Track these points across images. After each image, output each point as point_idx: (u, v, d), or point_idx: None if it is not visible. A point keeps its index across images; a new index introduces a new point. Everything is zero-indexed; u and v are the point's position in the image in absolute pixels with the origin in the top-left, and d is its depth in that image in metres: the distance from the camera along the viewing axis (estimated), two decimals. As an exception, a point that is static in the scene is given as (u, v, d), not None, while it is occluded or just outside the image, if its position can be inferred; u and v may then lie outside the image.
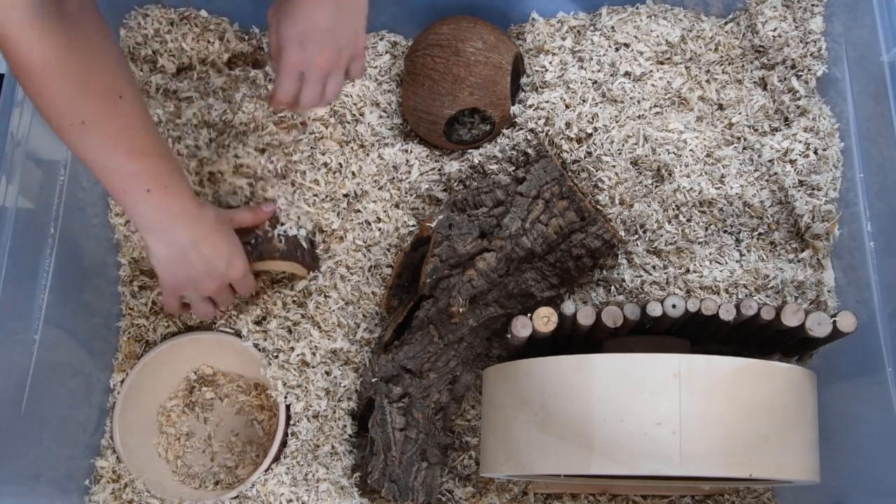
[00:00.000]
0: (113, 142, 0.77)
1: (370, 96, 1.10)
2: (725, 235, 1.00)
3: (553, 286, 0.97)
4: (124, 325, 1.07)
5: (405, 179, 1.07)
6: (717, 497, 1.01)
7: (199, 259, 0.88)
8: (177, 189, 0.83)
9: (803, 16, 1.05)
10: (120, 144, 0.77)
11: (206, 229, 0.88)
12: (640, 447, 0.78)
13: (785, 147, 1.00)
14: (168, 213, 0.83)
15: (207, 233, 0.88)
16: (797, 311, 0.86)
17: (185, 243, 0.86)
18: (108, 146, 0.77)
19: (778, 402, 0.81)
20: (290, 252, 1.00)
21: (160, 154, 0.81)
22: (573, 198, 0.94)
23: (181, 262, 0.88)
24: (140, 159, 0.79)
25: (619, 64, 1.05)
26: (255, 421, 1.08)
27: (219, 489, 1.05)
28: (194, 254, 0.88)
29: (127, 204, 0.82)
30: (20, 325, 0.92)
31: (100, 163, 0.78)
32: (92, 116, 0.74)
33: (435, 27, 1.07)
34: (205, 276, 0.91)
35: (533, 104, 1.04)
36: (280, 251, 0.99)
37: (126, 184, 0.80)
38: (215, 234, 0.89)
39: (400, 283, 1.03)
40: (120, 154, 0.78)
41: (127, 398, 1.04)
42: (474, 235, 0.97)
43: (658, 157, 1.00)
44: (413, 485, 0.96)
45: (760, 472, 0.79)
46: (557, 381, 0.83)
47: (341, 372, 1.03)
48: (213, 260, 0.89)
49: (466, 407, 1.05)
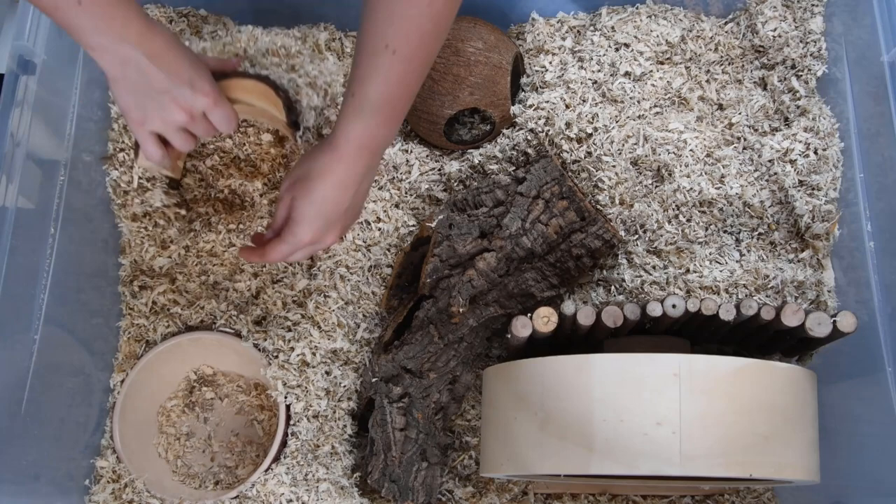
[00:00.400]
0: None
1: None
2: (725, 235, 1.00)
3: (553, 286, 0.97)
4: (124, 325, 1.07)
5: (405, 179, 1.07)
6: (717, 497, 1.01)
7: (157, 77, 0.79)
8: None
9: (803, 16, 1.05)
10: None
11: (160, 44, 0.78)
12: (640, 447, 0.78)
13: (785, 147, 1.00)
14: (110, 25, 0.74)
15: (161, 48, 0.78)
16: (797, 311, 0.86)
17: (137, 58, 0.77)
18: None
19: (778, 402, 0.81)
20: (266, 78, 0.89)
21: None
22: (573, 198, 0.94)
23: (139, 82, 0.79)
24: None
25: (619, 64, 1.05)
26: (255, 421, 1.08)
27: (219, 489, 1.05)
28: (150, 70, 0.78)
29: (64, 24, 0.74)
30: (20, 325, 0.92)
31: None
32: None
33: (435, 27, 1.07)
34: (170, 101, 0.81)
35: (533, 104, 1.04)
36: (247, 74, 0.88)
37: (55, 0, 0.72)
38: (171, 50, 0.79)
39: (400, 283, 1.03)
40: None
41: (127, 398, 1.04)
42: (474, 235, 0.97)
43: (658, 157, 1.00)
44: (413, 485, 0.96)
45: (760, 472, 0.79)
46: (557, 381, 0.83)
47: (341, 372, 1.03)
48: (173, 78, 0.79)
49: (466, 407, 1.05)
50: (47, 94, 0.97)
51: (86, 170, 1.02)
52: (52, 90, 0.98)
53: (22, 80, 0.94)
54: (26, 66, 0.95)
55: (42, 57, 0.96)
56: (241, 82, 0.88)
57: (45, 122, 0.97)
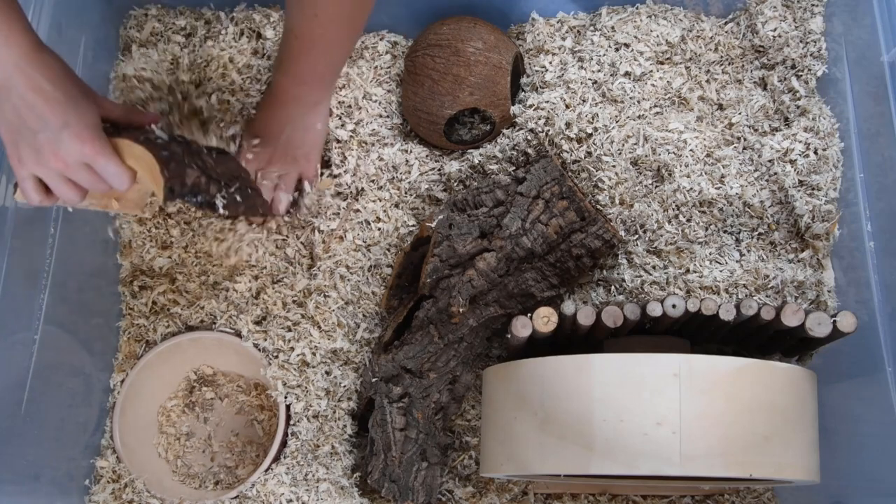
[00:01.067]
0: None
1: (371, 96, 1.10)
2: (725, 235, 1.00)
3: (553, 286, 0.97)
4: (124, 325, 1.07)
5: (405, 179, 1.07)
6: (717, 497, 1.01)
7: (30, 114, 0.71)
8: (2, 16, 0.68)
9: (803, 16, 1.05)
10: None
11: (42, 75, 0.70)
12: (640, 447, 0.78)
13: (785, 147, 1.00)
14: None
15: (43, 80, 0.70)
16: (797, 311, 0.86)
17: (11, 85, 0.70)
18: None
19: (778, 402, 0.81)
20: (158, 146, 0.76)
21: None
22: (573, 198, 0.94)
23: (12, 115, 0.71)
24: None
25: (619, 64, 1.05)
26: (255, 421, 1.09)
27: (219, 489, 1.05)
28: (22, 104, 0.71)
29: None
30: (20, 324, 0.92)
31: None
32: None
33: (435, 27, 1.07)
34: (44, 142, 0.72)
35: (533, 104, 1.04)
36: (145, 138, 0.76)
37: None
38: (55, 85, 0.71)
39: (400, 283, 1.03)
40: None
41: (127, 398, 1.04)
42: (474, 235, 0.97)
43: (658, 157, 1.00)
44: (413, 485, 0.96)
45: (760, 472, 0.79)
46: (557, 381, 0.83)
47: (341, 372, 1.03)
48: (47, 116, 0.71)
49: (466, 407, 1.05)
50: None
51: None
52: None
53: (22, 80, 0.94)
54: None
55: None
56: (130, 147, 0.76)
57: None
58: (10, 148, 0.74)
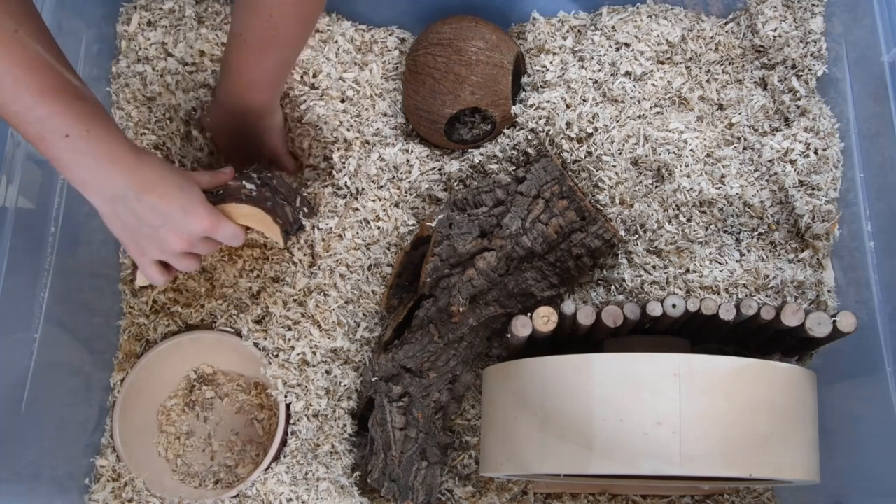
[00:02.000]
0: (19, 82, 0.67)
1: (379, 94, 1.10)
2: (725, 235, 1.00)
3: (553, 286, 0.97)
4: (124, 324, 1.07)
5: (405, 179, 1.07)
6: (717, 497, 1.01)
7: (148, 214, 0.77)
8: (102, 132, 0.72)
9: (803, 16, 1.05)
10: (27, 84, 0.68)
11: (148, 176, 0.76)
12: (640, 447, 0.78)
13: (785, 147, 1.00)
14: (97, 162, 0.72)
15: (151, 180, 0.76)
16: (797, 311, 0.86)
17: (125, 195, 0.75)
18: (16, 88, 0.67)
19: (778, 402, 0.81)
20: (258, 200, 0.87)
21: (75, 94, 0.71)
22: (573, 197, 0.94)
23: (131, 219, 0.77)
24: (51, 99, 0.69)
25: (619, 64, 1.05)
26: (255, 420, 1.09)
27: (219, 488, 1.05)
28: (140, 206, 0.76)
29: (50, 155, 0.71)
30: (20, 324, 0.92)
31: (9, 109, 0.68)
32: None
33: (436, 26, 1.07)
34: (165, 233, 0.79)
35: (534, 104, 1.04)
36: (247, 195, 0.86)
37: (41, 129, 0.69)
38: (162, 180, 0.77)
39: (400, 282, 1.03)
40: (28, 95, 0.68)
41: (127, 397, 1.04)
42: (474, 235, 0.97)
43: (658, 157, 1.00)
44: (413, 484, 0.96)
45: (760, 472, 0.79)
46: (557, 381, 0.83)
47: (341, 371, 1.03)
48: (165, 210, 0.77)
49: (466, 406, 1.05)
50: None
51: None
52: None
53: (22, 79, 0.94)
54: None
55: (42, 56, 0.96)
56: (238, 208, 0.86)
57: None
58: (132, 245, 0.81)
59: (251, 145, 0.99)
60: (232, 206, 0.85)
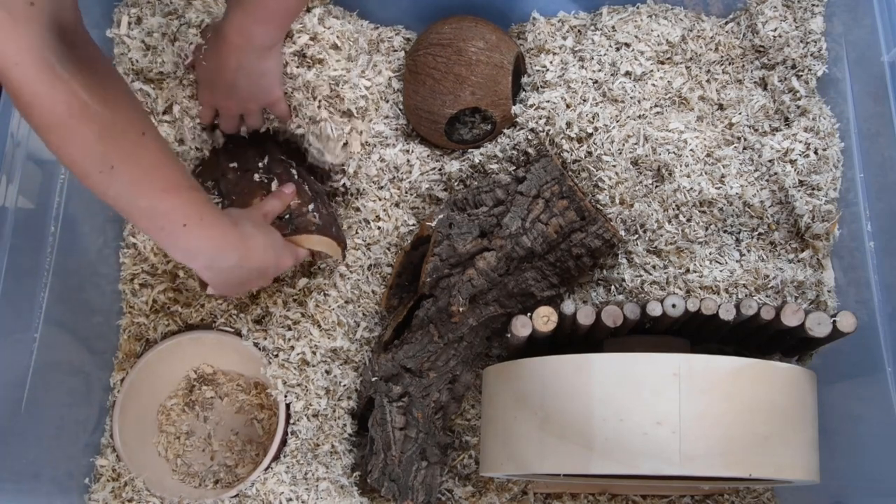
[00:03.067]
0: (144, 182, 0.75)
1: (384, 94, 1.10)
2: (725, 235, 1.00)
3: (553, 286, 0.97)
4: (124, 324, 1.07)
5: (406, 179, 1.07)
6: (717, 497, 1.01)
7: (250, 273, 0.89)
8: (212, 218, 0.81)
9: (803, 16, 1.05)
10: (151, 183, 0.75)
11: (249, 245, 0.87)
12: (640, 447, 0.78)
13: (785, 147, 1.00)
14: (210, 244, 0.82)
15: (251, 248, 0.87)
16: (797, 311, 0.86)
17: (233, 265, 0.86)
18: (140, 187, 0.75)
19: (778, 402, 0.81)
20: (324, 227, 0.98)
21: (190, 186, 0.79)
22: (573, 197, 0.94)
23: (235, 281, 0.89)
24: (173, 195, 0.77)
25: (619, 63, 1.05)
26: (254, 420, 1.09)
27: (218, 488, 1.05)
28: (244, 272, 0.88)
29: (165, 241, 0.80)
30: (20, 323, 0.92)
31: (134, 205, 0.75)
32: (120, 159, 0.72)
33: (436, 26, 1.07)
34: (258, 279, 0.92)
35: (534, 104, 1.04)
36: (315, 225, 0.97)
37: (163, 222, 0.78)
38: (259, 246, 0.88)
39: (400, 282, 1.03)
40: (152, 193, 0.75)
41: (127, 397, 1.04)
42: (474, 235, 0.97)
43: (658, 157, 1.00)
44: (413, 484, 0.96)
45: (760, 472, 0.79)
46: (557, 381, 0.83)
47: (341, 371, 1.03)
48: (262, 267, 0.90)
49: (466, 406, 1.05)
50: (47, 93, 0.97)
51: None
52: (53, 89, 0.98)
53: (22, 79, 0.94)
54: (26, 65, 0.95)
55: (42, 56, 0.96)
56: (309, 239, 0.98)
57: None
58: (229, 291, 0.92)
59: (247, 90, 0.97)
60: (302, 237, 0.97)
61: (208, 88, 0.98)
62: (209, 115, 1.00)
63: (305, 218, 0.97)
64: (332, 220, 1.01)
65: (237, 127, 1.01)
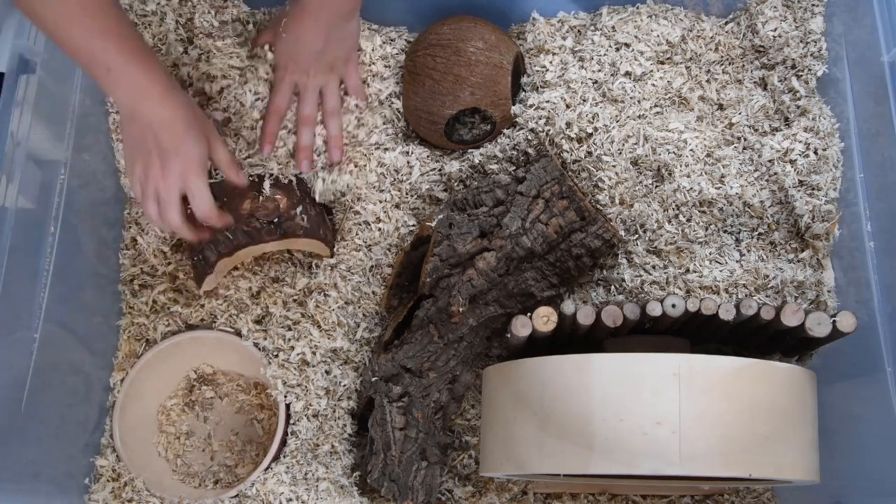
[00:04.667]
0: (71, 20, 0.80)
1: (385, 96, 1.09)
2: (725, 235, 1.00)
3: (553, 286, 0.97)
4: (124, 324, 1.07)
5: (406, 180, 1.07)
6: (717, 497, 1.01)
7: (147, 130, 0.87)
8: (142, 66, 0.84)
9: (803, 16, 1.05)
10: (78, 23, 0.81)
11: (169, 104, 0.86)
12: (640, 447, 0.78)
13: (785, 147, 1.00)
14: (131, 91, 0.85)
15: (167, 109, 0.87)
16: (797, 311, 0.86)
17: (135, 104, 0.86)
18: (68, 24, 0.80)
19: (778, 402, 0.81)
20: (312, 230, 1.00)
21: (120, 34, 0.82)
22: (573, 197, 0.94)
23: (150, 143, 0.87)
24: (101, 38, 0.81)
25: (619, 64, 1.05)
26: (254, 420, 1.09)
27: (218, 488, 1.05)
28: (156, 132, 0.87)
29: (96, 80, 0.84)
30: (20, 323, 0.92)
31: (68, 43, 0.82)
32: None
33: (436, 27, 1.07)
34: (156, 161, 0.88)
35: (533, 104, 1.04)
36: (303, 229, 0.99)
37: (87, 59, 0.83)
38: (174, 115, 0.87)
39: (400, 282, 1.03)
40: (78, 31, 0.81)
41: (127, 397, 1.04)
42: (474, 235, 0.97)
43: (658, 157, 1.00)
44: (413, 484, 0.96)
45: (760, 472, 0.79)
46: (557, 381, 0.83)
47: (341, 371, 1.03)
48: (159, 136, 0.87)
49: (466, 406, 1.05)
50: (47, 94, 0.97)
51: (85, 169, 1.02)
52: (53, 90, 0.98)
53: (22, 79, 0.94)
54: (26, 65, 0.95)
55: (42, 56, 0.96)
56: (297, 242, 1.00)
57: (45, 122, 0.97)
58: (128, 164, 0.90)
59: (332, 54, 1.00)
60: (300, 241, 1.00)
61: (290, 63, 1.00)
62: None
63: (294, 222, 0.99)
64: (320, 221, 1.02)
65: (315, 111, 1.02)
